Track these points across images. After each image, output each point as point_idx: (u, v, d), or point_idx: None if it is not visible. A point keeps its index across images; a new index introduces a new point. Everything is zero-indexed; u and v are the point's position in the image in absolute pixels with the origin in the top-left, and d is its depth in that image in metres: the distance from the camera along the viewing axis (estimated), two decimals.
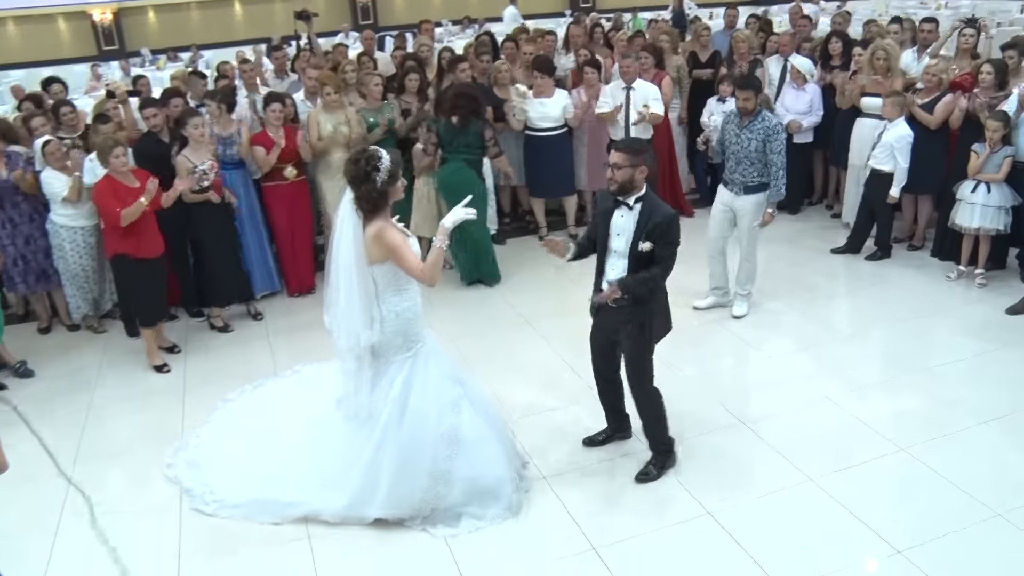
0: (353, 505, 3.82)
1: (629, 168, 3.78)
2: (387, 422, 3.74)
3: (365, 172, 3.53)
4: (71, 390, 5.32)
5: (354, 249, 3.62)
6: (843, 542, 3.59)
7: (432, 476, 3.76)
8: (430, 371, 3.82)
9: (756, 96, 5.43)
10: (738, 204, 5.63)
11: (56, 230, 5.70)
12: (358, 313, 3.68)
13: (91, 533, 3.89)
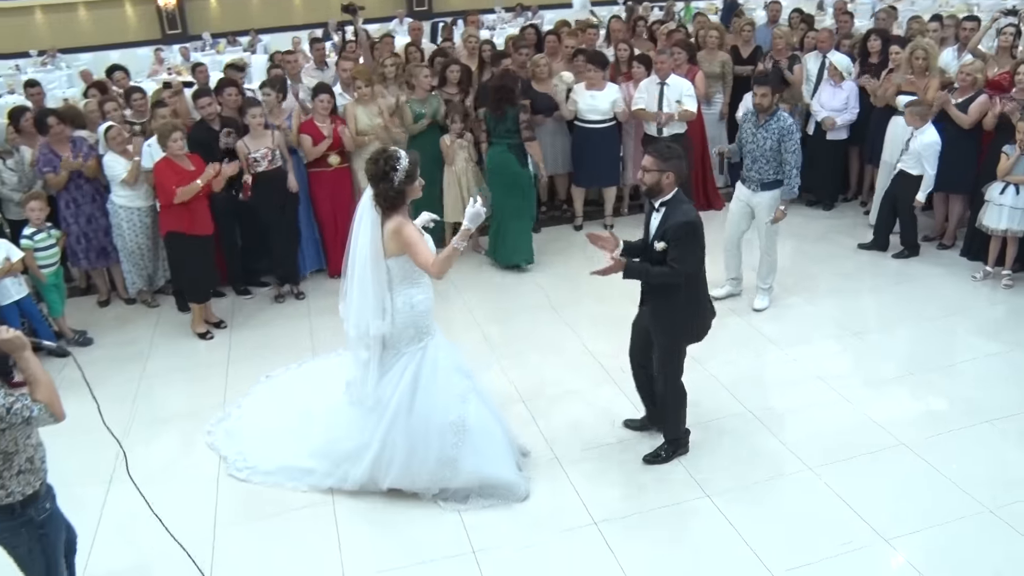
0: (360, 481, 4.11)
1: (657, 172, 3.98)
2: (396, 410, 3.97)
3: (384, 171, 3.76)
4: (126, 359, 5.75)
5: (371, 243, 3.84)
6: (834, 530, 3.76)
7: (439, 461, 3.99)
8: (439, 363, 4.02)
9: (773, 93, 5.56)
10: (755, 200, 5.78)
11: (115, 210, 6.13)
12: (370, 304, 3.90)
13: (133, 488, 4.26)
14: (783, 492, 4.06)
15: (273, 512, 4.09)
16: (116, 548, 3.90)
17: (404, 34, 16.11)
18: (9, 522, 2.89)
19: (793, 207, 7.91)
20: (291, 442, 4.43)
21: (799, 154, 5.63)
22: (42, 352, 3.24)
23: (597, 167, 7.50)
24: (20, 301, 5.59)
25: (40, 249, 5.76)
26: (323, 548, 3.82)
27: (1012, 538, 3.66)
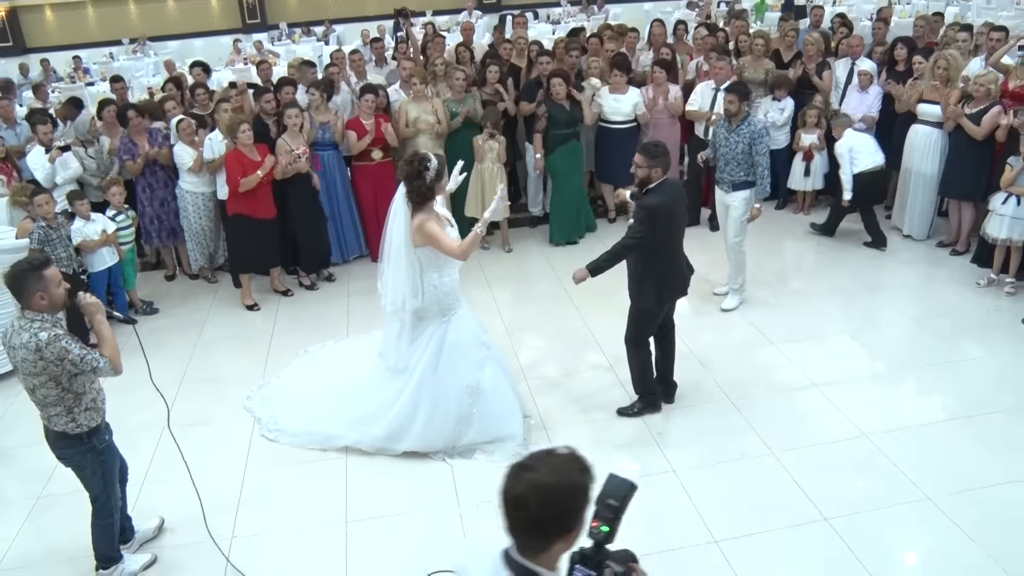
0: (389, 437, 4.72)
1: (646, 168, 4.64)
2: (423, 373, 4.64)
3: (417, 171, 4.39)
4: (185, 327, 6.56)
5: (404, 233, 4.51)
6: (781, 508, 4.18)
7: (458, 418, 4.66)
8: (460, 334, 4.68)
9: (740, 100, 5.96)
10: (728, 200, 6.20)
11: (183, 194, 6.92)
12: (405, 284, 4.57)
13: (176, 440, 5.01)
14: (743, 472, 4.49)
15: (291, 462, 4.77)
16: (162, 486, 4.63)
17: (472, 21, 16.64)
18: (77, 447, 3.62)
19: (817, 209, 8.30)
20: (319, 409, 5.06)
21: (768, 157, 6.03)
22: (114, 320, 3.94)
23: (618, 165, 7.94)
24: (111, 268, 6.44)
25: (119, 229, 6.57)
26: (332, 493, 4.45)
27: (948, 528, 3.97)
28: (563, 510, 1.90)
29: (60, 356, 3.38)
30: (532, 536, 1.94)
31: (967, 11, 16.69)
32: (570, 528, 1.92)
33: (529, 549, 1.95)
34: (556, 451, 1.97)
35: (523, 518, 1.91)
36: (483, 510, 4.24)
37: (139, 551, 4.07)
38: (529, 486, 1.89)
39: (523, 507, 1.89)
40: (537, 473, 1.90)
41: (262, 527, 4.26)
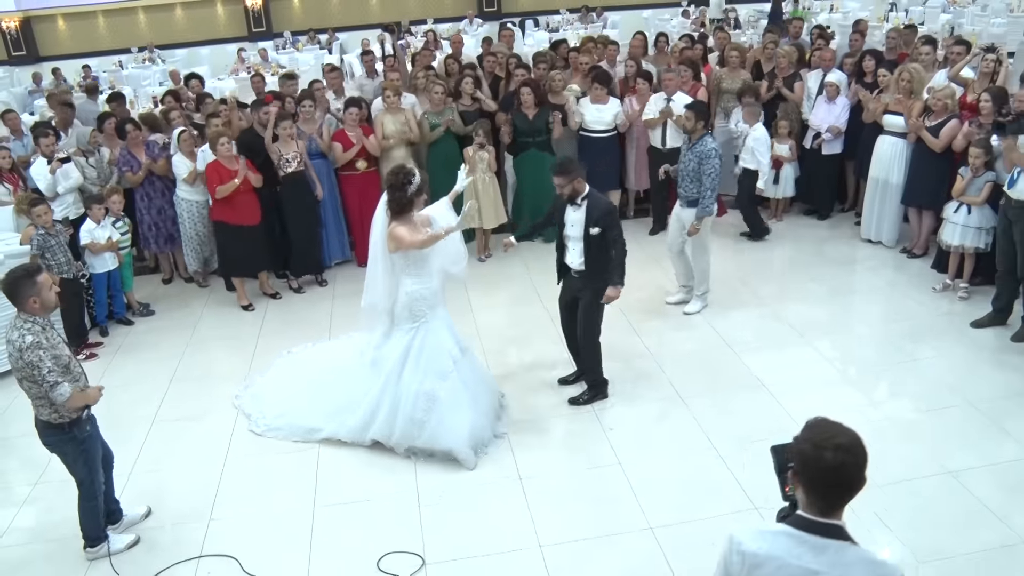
0: (363, 428, 5.06)
1: (568, 182, 5.04)
2: (389, 373, 4.98)
3: (401, 183, 4.77)
4: (179, 327, 6.98)
5: (381, 239, 4.89)
6: (714, 493, 4.52)
7: (410, 420, 4.93)
8: (428, 342, 4.97)
9: (696, 118, 6.25)
10: (684, 215, 6.50)
11: (179, 202, 7.34)
12: (382, 286, 4.96)
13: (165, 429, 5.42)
14: (683, 460, 4.84)
15: (269, 452, 5.16)
16: (150, 475, 5.02)
17: (473, 34, 17.08)
18: (60, 436, 4.01)
19: (790, 216, 8.62)
20: (300, 404, 5.41)
21: (716, 178, 6.25)
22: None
23: (600, 173, 8.28)
24: (111, 272, 6.86)
25: (120, 234, 6.98)
26: (304, 481, 4.82)
27: (867, 519, 4.18)
28: (866, 459, 2.14)
29: (31, 364, 3.76)
30: (850, 492, 2.13)
31: (960, 18, 16.96)
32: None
33: (836, 509, 2.16)
34: (824, 420, 2.21)
35: (848, 478, 2.10)
36: (444, 502, 4.61)
37: (125, 533, 4.43)
38: (845, 451, 2.09)
39: (846, 469, 2.09)
40: (840, 439, 2.12)
41: (238, 511, 4.63)
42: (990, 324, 6.18)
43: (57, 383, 3.81)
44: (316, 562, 4.18)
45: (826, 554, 2.14)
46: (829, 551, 2.14)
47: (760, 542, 2.21)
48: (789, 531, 2.19)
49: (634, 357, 5.99)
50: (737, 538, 2.25)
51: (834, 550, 2.15)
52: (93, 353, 6.49)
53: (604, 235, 5.06)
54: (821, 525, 2.16)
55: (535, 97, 7.81)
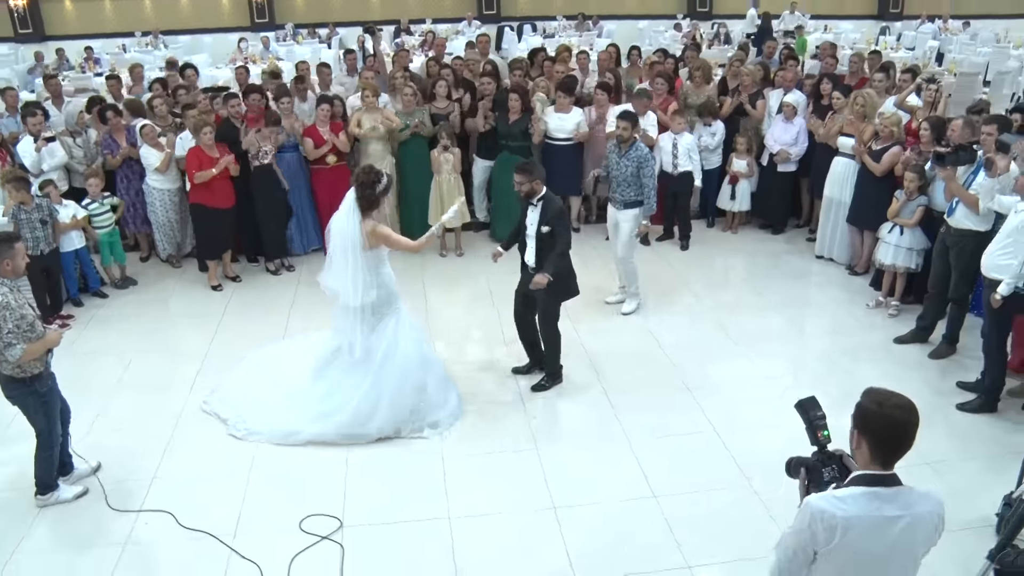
0: (356, 422, 5.20)
1: (528, 182, 5.49)
2: (384, 355, 5.28)
3: (371, 181, 5.13)
4: (151, 303, 7.42)
5: (356, 236, 5.12)
6: (618, 480, 4.88)
7: (416, 389, 5.34)
8: (407, 317, 5.48)
9: (632, 127, 6.68)
10: (619, 216, 6.90)
11: (150, 191, 7.74)
12: (358, 281, 5.19)
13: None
14: (595, 449, 5.20)
15: (215, 422, 5.53)
16: (105, 434, 5.41)
17: (471, 35, 17.42)
18: (22, 389, 4.40)
19: (745, 229, 8.98)
20: (281, 410, 5.43)
21: (655, 179, 6.78)
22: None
23: (561, 178, 8.63)
24: (78, 250, 7.26)
25: (95, 215, 7.41)
26: (243, 448, 5.20)
27: (760, 516, 4.57)
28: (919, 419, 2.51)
29: None
30: (907, 447, 2.50)
31: (949, 45, 17.28)
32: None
33: (893, 462, 2.51)
34: (879, 387, 2.60)
35: (909, 434, 2.48)
36: (368, 471, 4.99)
37: (75, 484, 4.81)
38: (906, 410, 2.48)
39: (909, 426, 2.47)
40: (900, 399, 2.51)
41: (180, 472, 5.02)
42: (912, 340, 6.53)
43: (11, 344, 4.19)
44: (245, 520, 4.56)
45: (898, 500, 2.50)
46: (900, 497, 2.51)
47: (843, 507, 2.49)
48: (861, 491, 2.51)
49: (571, 352, 6.33)
50: (821, 509, 2.51)
51: (902, 495, 2.51)
52: (66, 323, 6.87)
53: (552, 233, 5.52)
54: (886, 477, 2.52)
55: (521, 103, 8.16)
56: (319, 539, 4.38)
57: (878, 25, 20.36)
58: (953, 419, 5.50)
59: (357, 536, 4.43)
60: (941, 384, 5.94)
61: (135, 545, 4.40)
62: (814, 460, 2.75)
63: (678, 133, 8.25)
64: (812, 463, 2.74)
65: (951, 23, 19.71)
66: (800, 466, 2.79)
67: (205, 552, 4.33)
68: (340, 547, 4.33)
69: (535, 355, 6.03)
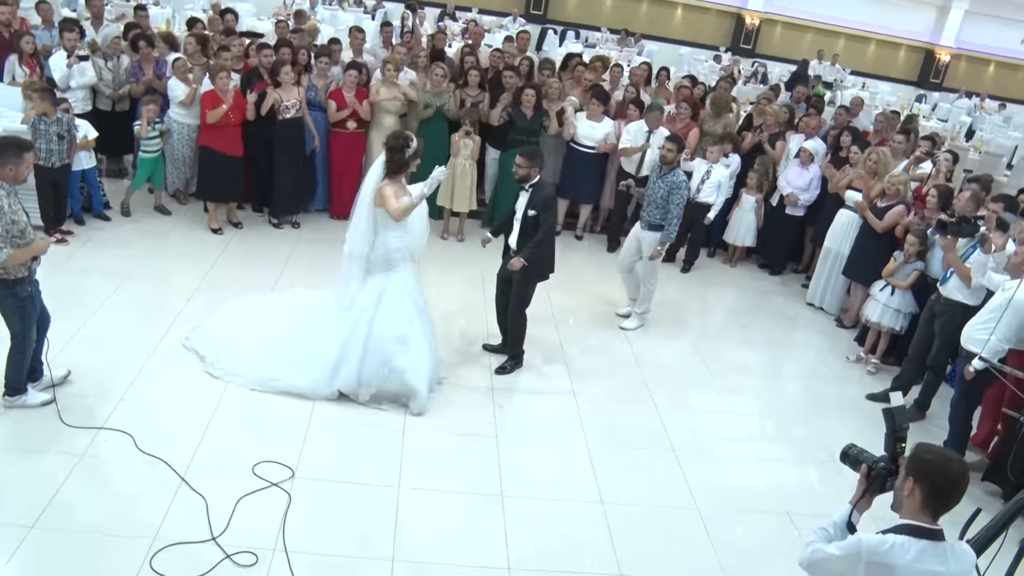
0: (321, 379, 5.30)
1: (527, 168, 5.71)
2: (362, 312, 5.37)
3: (400, 146, 5.28)
4: (151, 234, 7.50)
5: (370, 193, 5.33)
6: (569, 482, 4.97)
7: (382, 363, 5.37)
8: (398, 289, 5.45)
9: (678, 151, 6.76)
10: (642, 236, 6.96)
11: (169, 122, 7.83)
12: (361, 235, 5.35)
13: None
14: (553, 447, 5.29)
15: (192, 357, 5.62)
16: (83, 349, 5.51)
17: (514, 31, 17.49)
18: (2, 291, 4.49)
19: (744, 264, 9.06)
20: (262, 356, 5.51)
21: (681, 208, 6.78)
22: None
23: (581, 185, 8.78)
24: (86, 171, 7.36)
25: (146, 139, 7.57)
26: (214, 386, 5.30)
27: (702, 541, 4.67)
28: None
29: None
30: (958, 501, 2.64)
31: (981, 123, 17.36)
32: None
33: (942, 514, 2.65)
34: (933, 445, 2.75)
35: (963, 489, 2.61)
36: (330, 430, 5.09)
37: (43, 391, 4.89)
38: (965, 465, 2.68)
39: (964, 480, 2.61)
40: (956, 455, 2.76)
41: (148, 397, 5.12)
42: (884, 400, 6.59)
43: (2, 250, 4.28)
44: (201, 454, 4.65)
45: (943, 555, 2.63)
46: (945, 553, 2.63)
47: (896, 555, 2.60)
48: (913, 542, 2.61)
49: (550, 350, 6.45)
50: (874, 550, 2.62)
51: (948, 551, 2.64)
52: (64, 239, 6.97)
53: (537, 218, 5.66)
54: (935, 532, 2.64)
55: (536, 100, 8.27)
56: (269, 485, 4.47)
57: (915, 92, 20.44)
58: None
59: (306, 488, 4.52)
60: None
61: (91, 459, 4.49)
62: (883, 468, 2.83)
63: (714, 163, 8.31)
64: (880, 471, 2.82)
65: (987, 102, 19.80)
66: (862, 464, 2.88)
67: (157, 478, 4.42)
68: (288, 496, 4.42)
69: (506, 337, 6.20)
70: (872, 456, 2.89)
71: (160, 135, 7.67)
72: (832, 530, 2.84)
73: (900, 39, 22.05)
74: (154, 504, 4.22)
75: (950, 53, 22.02)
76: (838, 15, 21.34)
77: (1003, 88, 21.68)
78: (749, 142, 8.97)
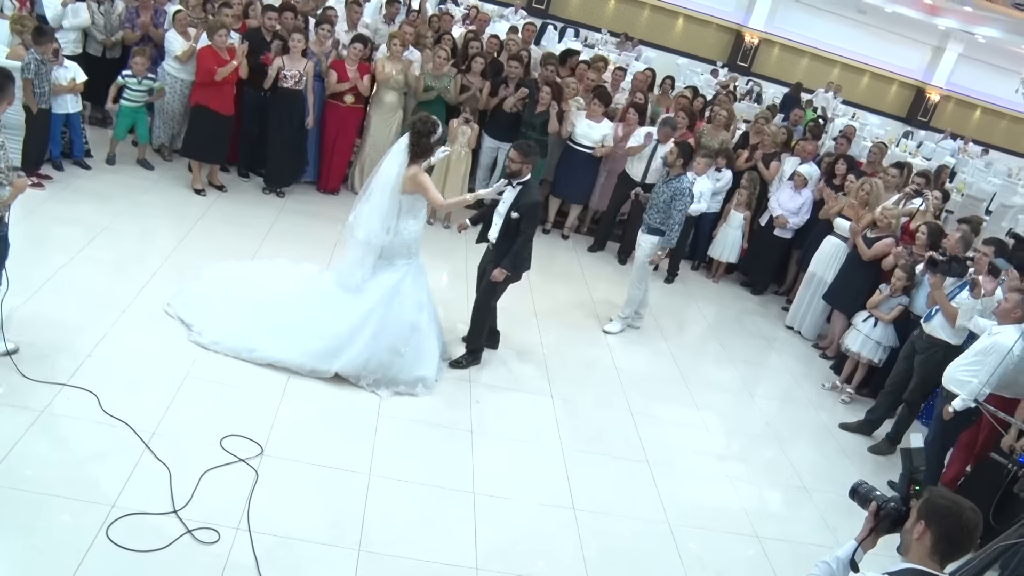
0: (326, 352, 5.14)
1: (520, 163, 5.47)
2: (378, 301, 5.26)
3: (428, 130, 5.19)
4: (131, 188, 7.24)
5: (395, 178, 5.20)
6: (542, 484, 4.89)
7: (391, 350, 5.29)
8: (417, 277, 5.45)
9: (679, 156, 6.71)
10: (641, 239, 6.91)
11: (163, 75, 7.61)
12: (378, 221, 5.22)
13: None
14: (528, 447, 5.19)
15: (163, 317, 5.43)
16: (50, 301, 5.30)
17: (515, 21, 17.36)
18: None
19: (726, 282, 9.03)
20: (250, 326, 5.30)
21: (683, 215, 6.73)
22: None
23: (574, 185, 8.68)
24: (70, 115, 7.07)
25: (130, 89, 7.32)
26: (185, 352, 5.11)
27: (666, 547, 4.65)
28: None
29: None
30: (967, 550, 2.61)
31: (963, 167, 17.59)
32: None
33: (950, 562, 2.59)
34: (953, 495, 2.66)
35: (975, 538, 2.56)
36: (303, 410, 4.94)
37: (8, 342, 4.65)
38: (977, 514, 2.57)
39: (977, 529, 2.55)
40: (968, 503, 2.59)
41: (116, 357, 4.92)
42: (857, 431, 6.59)
43: (1, 184, 4.08)
44: (167, 421, 4.48)
45: None
46: None
47: None
48: None
49: (529, 349, 6.36)
50: None
51: None
52: (40, 183, 6.71)
53: (519, 222, 5.51)
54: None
55: (551, 98, 8.16)
56: (236, 460, 4.32)
57: (903, 127, 20.67)
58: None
59: (274, 467, 4.37)
60: (874, 479, 5.87)
61: (51, 416, 4.30)
62: (893, 509, 2.77)
63: (700, 175, 8.19)
64: (891, 511, 2.76)
65: (971, 146, 20.10)
66: (871, 501, 2.81)
67: (119, 442, 4.24)
68: (255, 473, 4.27)
69: (488, 335, 6.05)
70: (883, 496, 2.83)
71: (150, 92, 7.42)
72: (835, 565, 2.78)
73: (894, 74, 22.28)
74: (114, 470, 4.04)
75: (940, 93, 22.31)
76: (836, 43, 21.51)
77: (986, 134, 22.03)
78: (744, 160, 8.94)
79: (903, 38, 21.52)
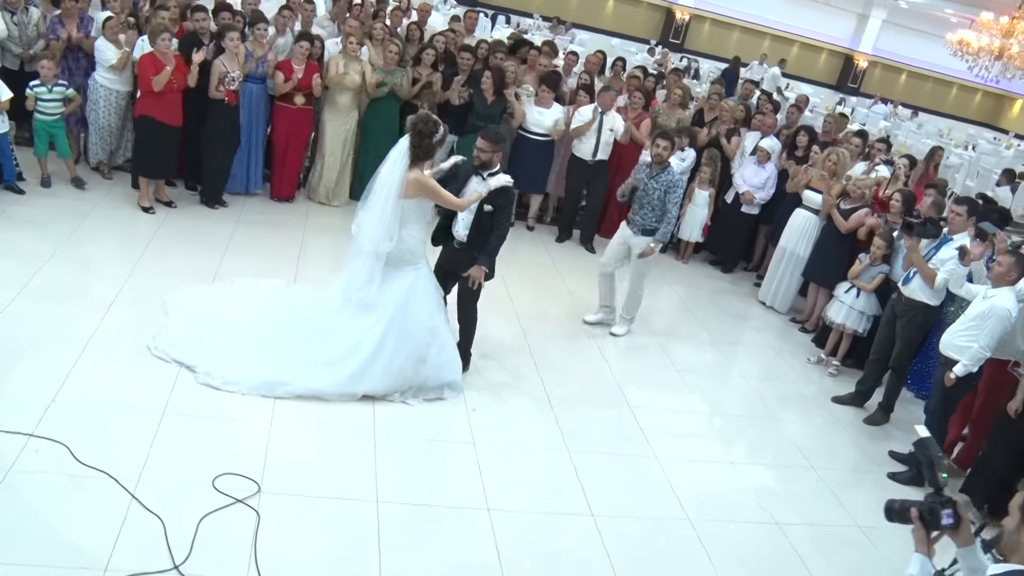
0: (349, 381, 4.89)
1: (490, 153, 5.21)
2: (395, 312, 4.97)
3: (429, 131, 4.84)
4: (71, 212, 6.66)
5: (396, 184, 4.84)
6: (555, 491, 4.65)
7: (415, 359, 5.03)
8: (428, 281, 5.17)
9: (672, 148, 6.46)
10: (634, 242, 6.60)
11: (95, 87, 7.01)
12: (381, 229, 4.88)
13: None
14: (534, 456, 4.96)
15: (128, 349, 4.99)
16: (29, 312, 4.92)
17: (445, 11, 16.99)
18: None
19: (695, 261, 8.93)
20: (261, 358, 4.94)
21: (678, 207, 6.54)
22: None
23: (529, 174, 8.41)
24: None
25: (42, 100, 6.74)
26: (159, 385, 4.70)
27: (692, 546, 4.46)
28: None
29: None
30: None
31: (896, 129, 17.96)
32: None
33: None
34: None
35: None
36: (294, 437, 4.59)
37: None
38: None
39: None
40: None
41: (84, 401, 4.47)
42: (849, 403, 6.54)
43: None
44: (151, 466, 4.07)
45: None
46: None
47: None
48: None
49: (513, 349, 6.11)
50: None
51: None
52: None
53: (494, 216, 5.23)
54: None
55: (494, 84, 7.87)
56: (233, 501, 3.96)
57: (835, 95, 21.02)
58: (884, 486, 5.49)
59: (275, 504, 4.02)
60: (873, 450, 5.98)
61: (20, 474, 3.85)
62: (930, 503, 2.62)
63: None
64: (929, 506, 2.61)
65: (900, 109, 20.56)
66: (909, 510, 2.65)
67: (101, 495, 3.82)
68: (256, 514, 3.91)
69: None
70: (913, 501, 2.70)
71: (64, 100, 6.87)
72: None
73: (822, 43, 22.66)
74: (101, 528, 3.63)
75: (868, 59, 22.76)
76: (764, 15, 21.73)
77: (913, 96, 22.58)
78: (706, 136, 8.83)
79: (829, 7, 21.89)
